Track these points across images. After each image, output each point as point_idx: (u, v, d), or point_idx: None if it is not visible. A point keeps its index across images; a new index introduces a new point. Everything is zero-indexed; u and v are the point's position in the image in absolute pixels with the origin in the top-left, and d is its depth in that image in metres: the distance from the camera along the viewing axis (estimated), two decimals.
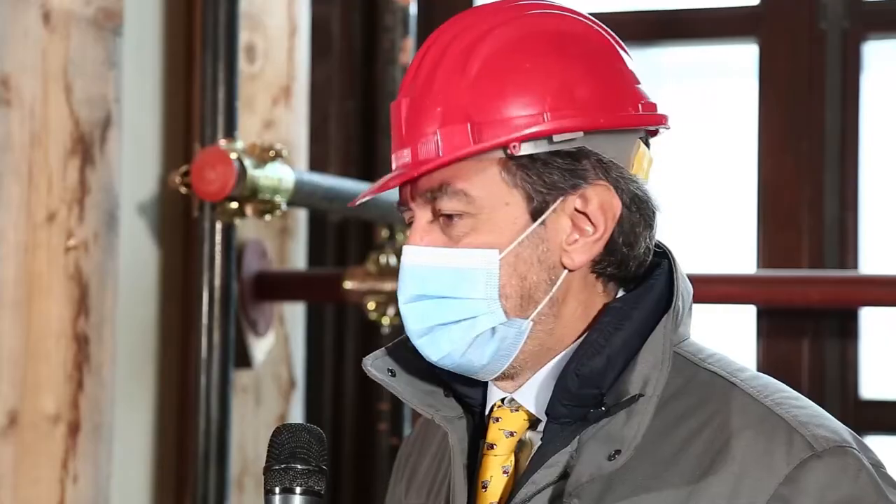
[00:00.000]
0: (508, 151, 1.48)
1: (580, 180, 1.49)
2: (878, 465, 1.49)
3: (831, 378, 2.94)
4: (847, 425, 1.52)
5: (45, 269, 2.41)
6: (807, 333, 2.96)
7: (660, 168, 1.58)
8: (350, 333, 3.24)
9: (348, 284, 2.96)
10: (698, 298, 1.58)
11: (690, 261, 3.07)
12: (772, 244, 3.00)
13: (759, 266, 3.00)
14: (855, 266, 2.95)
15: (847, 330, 2.94)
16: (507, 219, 1.49)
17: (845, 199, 2.96)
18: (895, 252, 3.00)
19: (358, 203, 1.58)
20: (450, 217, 1.50)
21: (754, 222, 3.03)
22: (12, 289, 2.36)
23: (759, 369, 2.96)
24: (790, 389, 1.53)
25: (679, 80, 3.27)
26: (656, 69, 3.25)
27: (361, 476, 3.21)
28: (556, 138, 1.48)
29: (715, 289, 2.79)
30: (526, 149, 1.48)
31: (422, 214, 1.51)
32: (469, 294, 1.49)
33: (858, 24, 2.99)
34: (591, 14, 1.57)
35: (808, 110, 3.00)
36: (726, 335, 3.05)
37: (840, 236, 2.96)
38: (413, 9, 3.00)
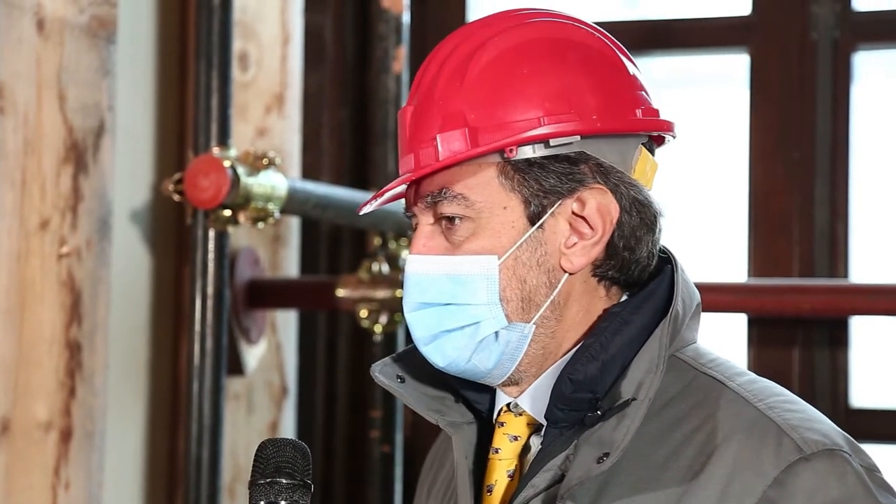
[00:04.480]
0: (505, 155, 1.50)
1: (577, 184, 1.51)
2: (872, 469, 1.50)
3: (821, 386, 2.94)
4: None
5: (38, 277, 2.41)
6: (797, 342, 2.96)
7: (656, 176, 1.59)
8: (342, 341, 3.24)
9: (340, 292, 2.96)
10: None
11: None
12: (762, 252, 3.01)
13: (749, 274, 3.01)
14: (845, 275, 2.96)
15: (837, 338, 2.95)
16: (506, 223, 1.51)
17: (836, 208, 2.97)
18: (885, 261, 3.00)
19: (364, 211, 1.61)
20: (451, 221, 1.52)
21: (745, 231, 3.04)
22: (5, 296, 2.36)
23: None
24: (787, 393, 1.54)
25: (671, 89, 3.28)
26: (648, 78, 3.25)
27: (353, 483, 3.21)
28: (553, 142, 1.50)
29: (705, 297, 2.76)
30: (523, 153, 1.50)
31: (424, 219, 1.54)
32: (470, 300, 1.50)
33: (849, 34, 3.00)
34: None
35: (799, 120, 3.01)
36: (717, 344, 3.05)
37: (830, 245, 2.97)
38: (406, 17, 3.01)
